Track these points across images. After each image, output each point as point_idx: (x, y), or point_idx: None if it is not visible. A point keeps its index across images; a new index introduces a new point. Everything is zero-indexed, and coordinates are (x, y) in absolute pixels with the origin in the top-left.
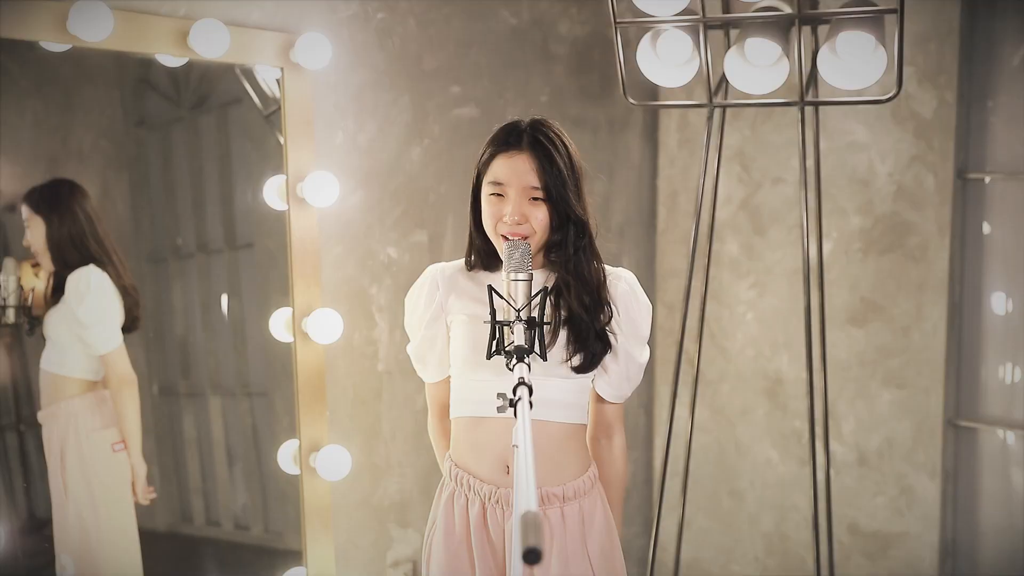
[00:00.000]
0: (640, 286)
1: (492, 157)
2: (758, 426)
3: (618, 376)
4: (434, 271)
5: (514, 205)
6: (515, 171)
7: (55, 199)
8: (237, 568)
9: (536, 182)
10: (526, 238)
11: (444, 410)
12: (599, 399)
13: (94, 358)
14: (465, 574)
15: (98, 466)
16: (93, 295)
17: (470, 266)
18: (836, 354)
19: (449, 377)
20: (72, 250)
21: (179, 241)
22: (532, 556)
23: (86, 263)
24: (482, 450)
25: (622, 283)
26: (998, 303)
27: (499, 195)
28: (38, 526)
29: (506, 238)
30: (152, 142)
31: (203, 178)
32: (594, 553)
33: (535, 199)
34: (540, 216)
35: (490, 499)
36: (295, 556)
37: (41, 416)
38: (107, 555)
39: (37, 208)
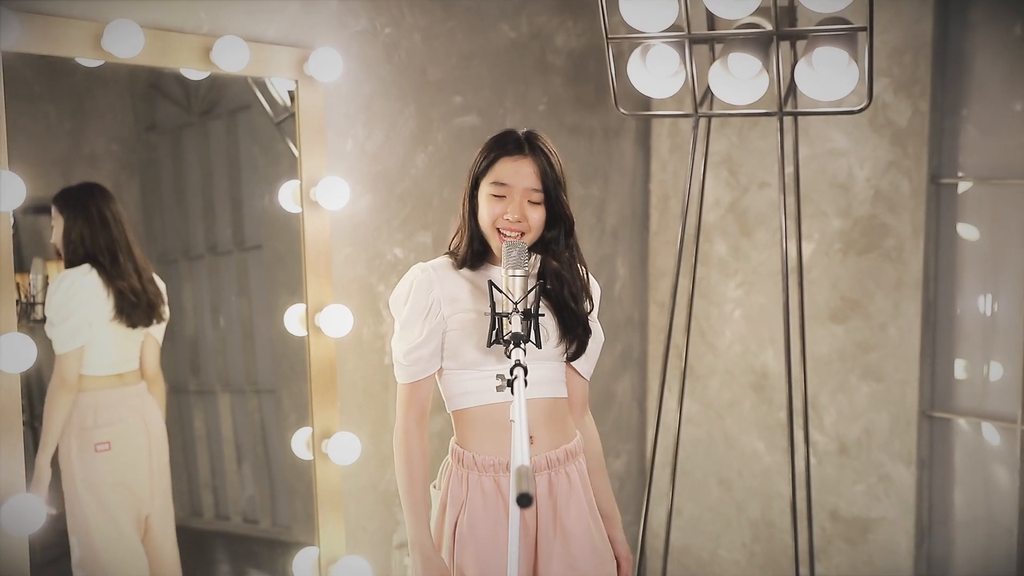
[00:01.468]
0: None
1: (496, 160)
2: (745, 418)
3: (592, 354)
4: (425, 270)
5: (515, 205)
6: (519, 174)
7: (75, 200)
8: (246, 560)
9: (538, 185)
10: (522, 235)
11: (419, 413)
12: (577, 380)
13: (94, 355)
14: (503, 547)
15: (84, 464)
16: (59, 296)
17: (461, 264)
18: (818, 349)
19: (430, 377)
20: (79, 247)
21: (189, 243)
22: (524, 500)
23: (83, 263)
24: (506, 431)
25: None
26: (970, 301)
27: (500, 196)
28: (56, 516)
29: (501, 233)
30: (163, 147)
31: (213, 182)
32: (592, 500)
33: (532, 201)
34: (537, 216)
35: None
36: (302, 547)
37: None
38: (104, 546)
39: (60, 207)
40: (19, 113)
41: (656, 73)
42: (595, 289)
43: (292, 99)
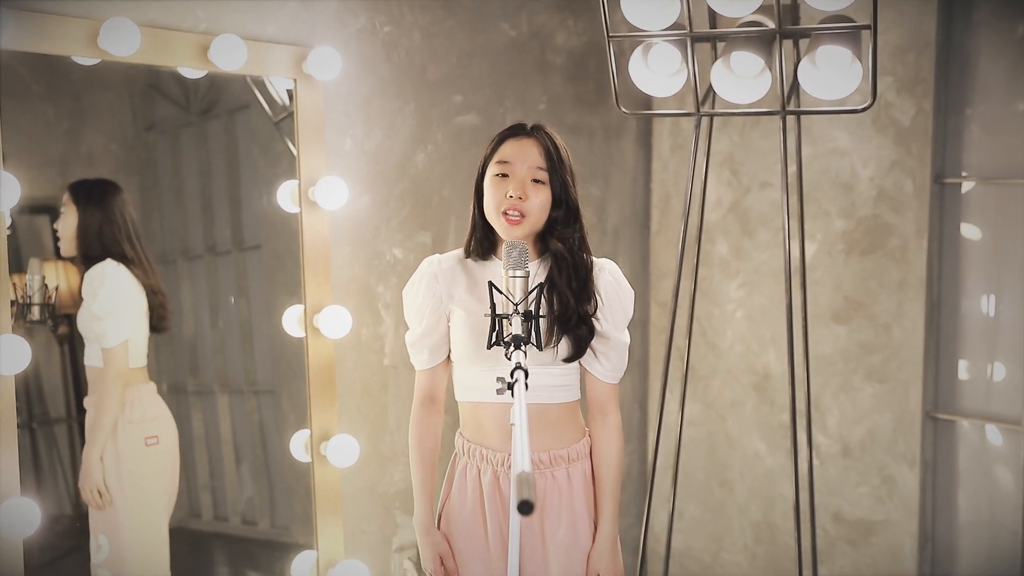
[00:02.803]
0: (621, 274)
1: (501, 142)
2: (747, 419)
3: (609, 359)
4: (432, 263)
5: (518, 181)
6: (522, 151)
7: (94, 194)
8: (244, 562)
9: (541, 163)
10: (523, 217)
11: (429, 399)
12: (594, 382)
13: (133, 348)
14: (479, 535)
15: (129, 458)
16: (106, 288)
17: (468, 254)
18: (821, 350)
19: (440, 365)
20: (96, 243)
21: (188, 243)
22: (525, 507)
23: (104, 258)
24: (489, 427)
25: (605, 273)
26: (974, 302)
27: (504, 175)
28: (75, 509)
29: (507, 215)
30: (161, 146)
31: (211, 182)
32: (591, 510)
33: (536, 181)
34: (540, 198)
35: (501, 465)
36: (301, 549)
37: (86, 402)
38: (135, 543)
39: (76, 198)
40: (16, 112)
41: (658, 72)
42: (626, 293)
43: (291, 98)
